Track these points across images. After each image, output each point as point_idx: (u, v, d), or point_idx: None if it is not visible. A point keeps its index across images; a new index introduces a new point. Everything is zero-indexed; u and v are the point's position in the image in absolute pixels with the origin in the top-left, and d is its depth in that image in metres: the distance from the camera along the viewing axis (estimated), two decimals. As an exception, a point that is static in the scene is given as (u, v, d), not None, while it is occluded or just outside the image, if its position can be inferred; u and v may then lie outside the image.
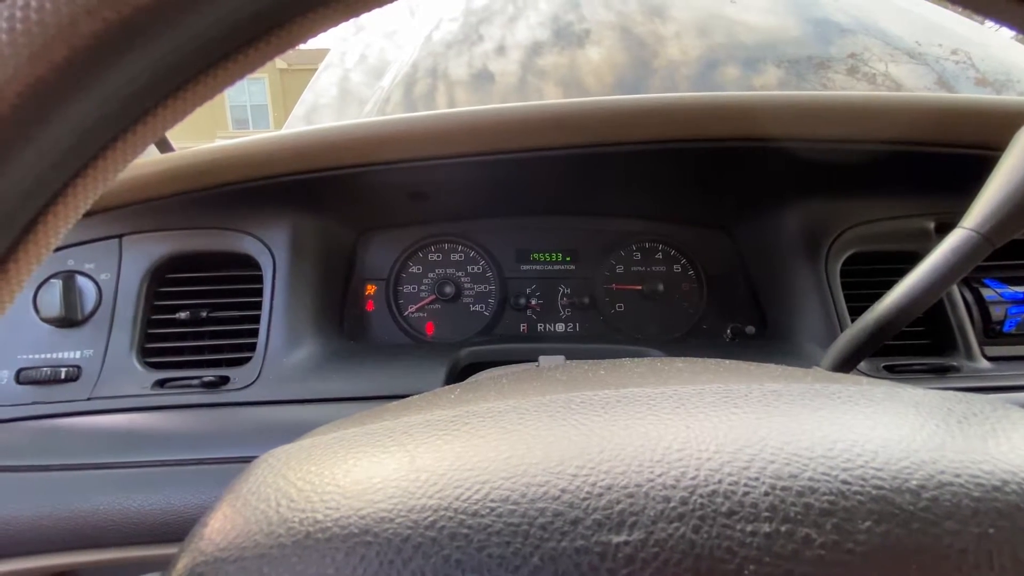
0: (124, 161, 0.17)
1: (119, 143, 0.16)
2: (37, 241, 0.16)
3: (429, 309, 0.72)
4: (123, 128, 0.16)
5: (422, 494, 0.16)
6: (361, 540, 0.15)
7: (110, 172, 0.17)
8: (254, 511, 0.17)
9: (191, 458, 0.49)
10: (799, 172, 0.61)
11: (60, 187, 0.16)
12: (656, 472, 0.16)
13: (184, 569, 0.17)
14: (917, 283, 0.37)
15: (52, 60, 0.13)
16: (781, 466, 0.16)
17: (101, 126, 0.15)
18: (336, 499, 0.17)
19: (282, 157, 0.55)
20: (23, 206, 0.15)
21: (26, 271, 0.16)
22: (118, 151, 0.16)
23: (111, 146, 0.16)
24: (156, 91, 0.16)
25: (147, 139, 0.17)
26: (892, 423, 0.18)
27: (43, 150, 0.15)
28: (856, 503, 0.15)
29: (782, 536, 0.14)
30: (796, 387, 0.21)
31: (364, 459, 0.19)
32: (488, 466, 0.17)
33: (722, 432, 0.17)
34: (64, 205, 0.16)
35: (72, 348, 0.54)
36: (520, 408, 0.21)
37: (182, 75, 0.16)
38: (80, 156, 0.16)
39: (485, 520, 0.15)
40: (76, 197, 0.16)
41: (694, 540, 0.14)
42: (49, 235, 0.16)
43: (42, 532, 0.48)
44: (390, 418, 0.22)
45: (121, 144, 0.16)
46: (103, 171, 0.16)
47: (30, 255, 0.16)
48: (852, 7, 1.05)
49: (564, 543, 0.14)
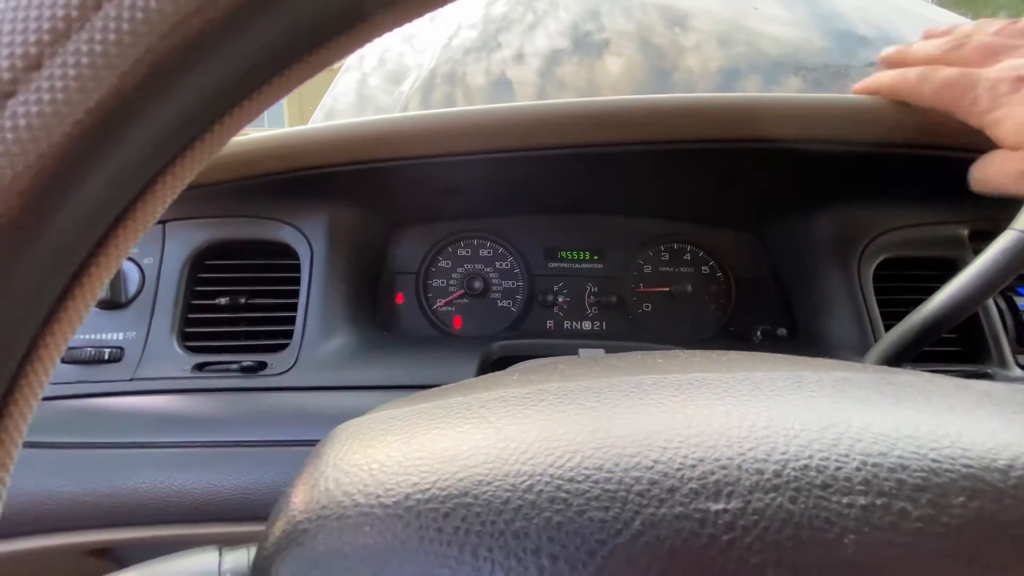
0: (200, 162, 0.16)
1: (196, 144, 0.16)
2: (117, 246, 0.16)
3: (457, 303, 0.73)
4: (199, 131, 0.16)
5: (515, 460, 0.17)
6: (462, 501, 0.16)
7: (185, 176, 0.16)
8: (346, 475, 0.18)
9: (230, 440, 0.50)
10: (831, 175, 0.61)
11: (142, 187, 0.15)
12: (746, 447, 0.16)
13: (281, 531, 0.17)
14: (966, 284, 0.37)
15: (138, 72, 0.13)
16: (869, 444, 0.16)
17: (179, 131, 0.15)
18: (430, 463, 0.17)
19: (322, 149, 0.56)
20: (102, 214, 0.15)
21: (106, 274, 0.16)
22: (196, 151, 0.16)
23: (188, 147, 0.16)
24: (234, 93, 0.16)
25: (220, 142, 0.16)
26: (969, 409, 0.18)
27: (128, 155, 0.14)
28: (948, 479, 0.15)
29: (879, 508, 0.14)
30: (863, 376, 0.22)
31: (448, 429, 0.19)
32: (575, 437, 0.17)
33: (804, 413, 0.18)
34: (143, 209, 0.16)
35: (116, 330, 0.55)
36: (592, 388, 0.21)
37: (259, 76, 0.16)
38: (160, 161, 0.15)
39: (582, 486, 0.15)
40: (155, 198, 0.16)
41: (792, 510, 0.14)
42: (128, 240, 0.16)
43: (83, 508, 0.49)
44: (460, 395, 0.23)
45: (198, 145, 0.16)
46: (179, 176, 0.16)
47: (109, 260, 0.16)
48: (874, 17, 1.04)
49: (663, 509, 0.15)
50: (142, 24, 0.12)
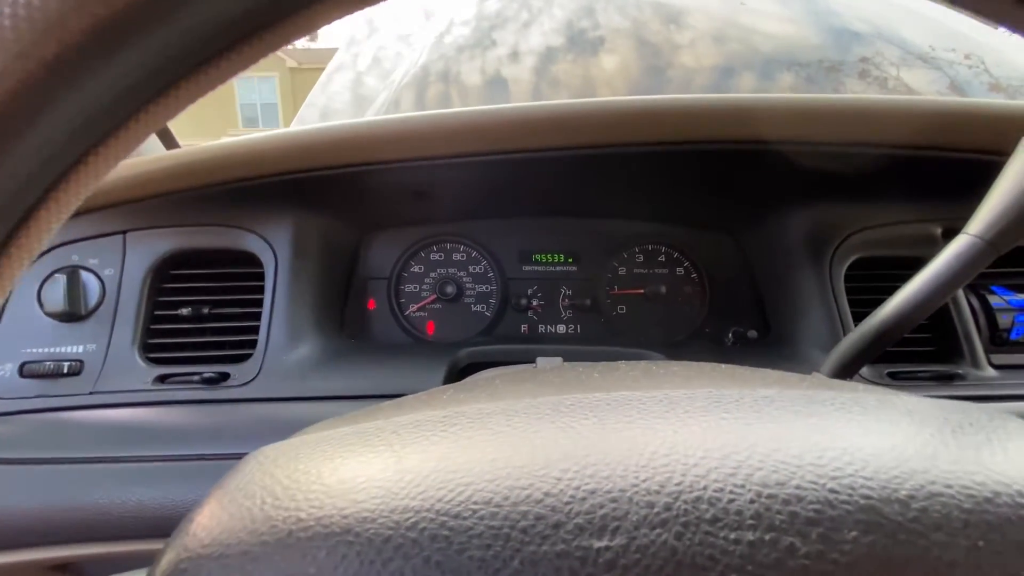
0: (118, 156, 0.17)
1: (112, 139, 0.16)
2: (29, 235, 0.16)
3: (430, 309, 0.72)
4: (116, 124, 0.16)
5: (405, 495, 0.16)
6: (343, 540, 0.15)
7: (103, 168, 0.17)
8: (239, 508, 0.17)
9: (191, 454, 0.49)
10: (804, 176, 0.60)
11: (53, 182, 0.16)
12: (641, 477, 0.16)
13: (168, 565, 0.17)
14: (920, 289, 0.37)
15: (42, 57, 0.13)
16: (768, 473, 0.15)
17: (94, 122, 0.16)
18: (320, 498, 0.16)
19: (286, 155, 0.56)
20: (16, 201, 0.15)
21: (18, 266, 0.16)
22: (111, 147, 0.16)
23: (105, 142, 0.16)
24: (149, 87, 0.16)
25: (141, 135, 0.17)
26: (885, 431, 0.18)
27: (35, 146, 0.15)
28: (843, 512, 0.14)
29: (766, 544, 0.14)
30: (789, 393, 0.21)
31: (351, 458, 0.19)
32: (472, 468, 0.17)
33: (710, 437, 0.17)
34: (57, 201, 0.16)
35: (75, 342, 0.54)
36: (509, 410, 0.21)
37: (176, 71, 0.16)
38: (72, 152, 0.16)
39: (467, 522, 0.15)
40: (69, 193, 0.16)
41: (676, 547, 0.14)
42: (42, 230, 0.16)
43: (43, 524, 0.48)
44: (381, 418, 0.22)
45: (114, 140, 0.16)
46: (96, 167, 0.17)
47: (22, 249, 0.16)
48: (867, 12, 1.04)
49: (545, 547, 0.14)
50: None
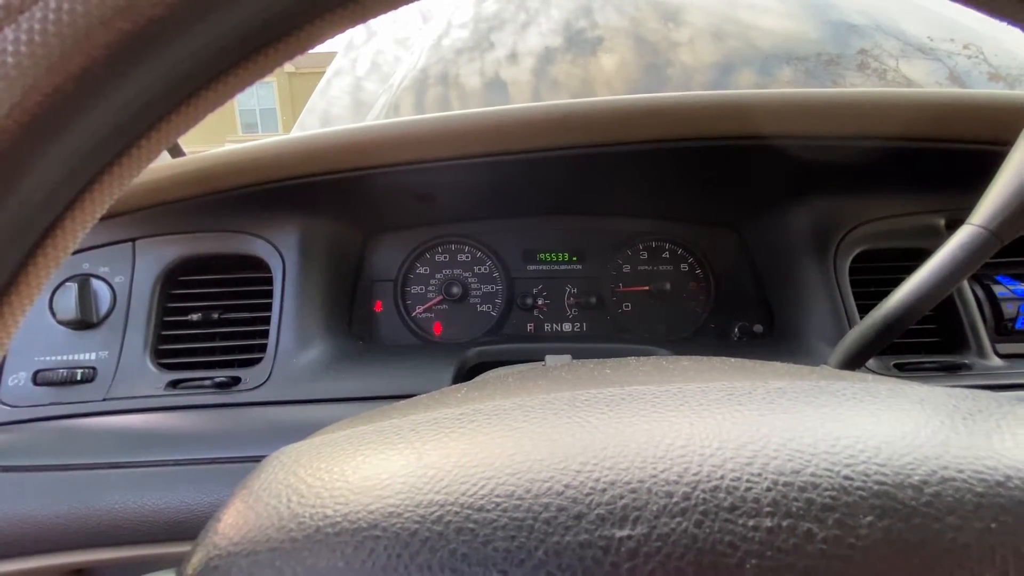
0: (138, 168, 0.17)
1: (133, 150, 0.17)
2: (55, 246, 0.16)
3: (437, 309, 0.73)
4: (137, 136, 0.17)
5: (429, 489, 0.16)
6: (370, 534, 0.15)
7: (124, 179, 0.17)
8: (266, 507, 0.18)
9: (204, 457, 0.50)
10: (807, 170, 0.61)
11: (76, 194, 0.16)
12: (659, 468, 0.16)
13: (199, 564, 0.17)
14: (925, 280, 0.37)
15: (69, 71, 0.14)
16: (783, 462, 0.16)
17: (116, 135, 0.16)
18: (345, 495, 0.17)
19: (291, 160, 0.56)
20: (40, 214, 0.16)
21: (44, 276, 0.16)
22: (132, 158, 0.17)
23: (126, 153, 0.17)
24: (169, 99, 0.16)
25: (160, 146, 0.17)
26: (896, 419, 0.18)
27: (60, 159, 0.15)
28: (858, 498, 0.15)
29: (784, 531, 0.14)
30: (800, 384, 0.21)
31: (373, 456, 0.19)
32: (493, 462, 0.17)
33: (725, 429, 0.17)
34: (80, 212, 0.17)
35: (87, 350, 0.55)
36: (525, 406, 0.21)
37: (194, 83, 0.16)
38: (95, 164, 0.16)
39: (490, 515, 0.15)
40: (92, 204, 0.17)
41: (696, 535, 0.14)
42: (67, 241, 0.17)
43: (59, 530, 0.49)
44: (398, 416, 0.23)
45: (135, 151, 0.17)
46: (118, 178, 0.17)
47: (48, 260, 0.16)
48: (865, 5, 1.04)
49: (568, 537, 0.15)
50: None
